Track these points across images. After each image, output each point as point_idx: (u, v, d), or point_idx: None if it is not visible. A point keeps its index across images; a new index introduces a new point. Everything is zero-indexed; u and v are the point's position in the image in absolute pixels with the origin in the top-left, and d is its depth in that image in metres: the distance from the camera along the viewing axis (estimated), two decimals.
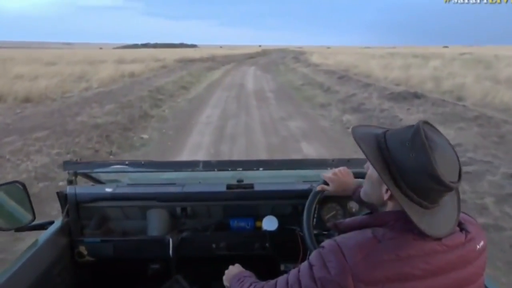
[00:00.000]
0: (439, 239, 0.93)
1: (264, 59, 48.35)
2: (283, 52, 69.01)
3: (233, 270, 1.35)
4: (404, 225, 0.94)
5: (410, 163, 0.91)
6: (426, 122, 0.95)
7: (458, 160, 0.94)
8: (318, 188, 1.50)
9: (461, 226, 1.00)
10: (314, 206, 1.46)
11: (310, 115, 10.60)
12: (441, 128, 1.49)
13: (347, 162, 1.75)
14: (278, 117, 10.14)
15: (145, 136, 8.03)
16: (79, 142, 6.99)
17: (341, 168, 1.54)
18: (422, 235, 0.92)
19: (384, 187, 0.98)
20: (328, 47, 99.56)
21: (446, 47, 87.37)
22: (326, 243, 0.97)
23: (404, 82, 14.77)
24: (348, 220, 1.07)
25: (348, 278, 0.89)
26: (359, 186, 1.41)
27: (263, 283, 1.15)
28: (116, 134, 7.80)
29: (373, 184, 1.04)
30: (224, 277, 1.35)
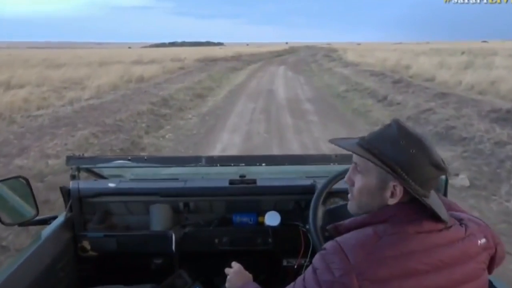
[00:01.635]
0: (439, 230, 0.93)
1: (293, 57, 44.50)
2: (311, 49, 65.13)
3: (238, 278, 1.25)
4: (405, 219, 0.93)
5: (412, 158, 0.91)
6: (398, 119, 0.98)
7: None
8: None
9: (460, 222, 1.00)
10: (319, 204, 1.45)
11: None
12: None
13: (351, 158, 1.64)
14: (328, 149, 6.62)
15: None
16: None
17: None
18: (426, 227, 0.92)
19: (389, 192, 0.95)
20: (359, 44, 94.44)
21: (485, 41, 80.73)
22: (328, 244, 0.94)
23: (488, 89, 10.95)
24: (347, 221, 1.03)
25: (352, 278, 0.85)
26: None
27: None
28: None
29: (371, 194, 0.98)
30: (228, 283, 1.26)
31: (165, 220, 1.75)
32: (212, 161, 1.79)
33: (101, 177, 1.97)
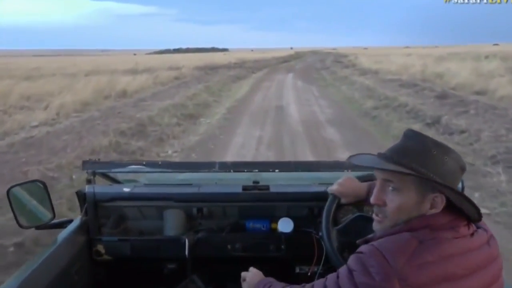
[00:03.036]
0: (471, 235, 0.93)
1: (300, 63, 41.39)
2: (318, 55, 62.29)
3: (256, 277, 1.23)
4: (442, 226, 0.91)
5: (448, 166, 0.91)
6: (411, 129, 1.00)
7: None
8: (331, 191, 1.46)
9: (477, 225, 0.99)
10: (331, 214, 1.43)
11: None
12: None
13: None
14: None
15: None
16: None
17: (344, 177, 1.47)
18: (461, 232, 0.92)
19: (428, 204, 0.93)
20: (365, 48, 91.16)
21: (497, 44, 77.27)
22: (364, 248, 0.91)
23: None
24: (379, 234, 0.98)
25: (394, 283, 0.83)
26: (371, 187, 1.33)
27: (297, 287, 1.09)
28: None
29: (409, 210, 0.94)
30: (245, 283, 1.24)
31: (178, 225, 1.72)
32: (226, 167, 1.73)
33: (116, 181, 1.94)
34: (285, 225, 1.67)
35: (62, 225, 1.66)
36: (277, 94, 14.86)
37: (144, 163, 1.77)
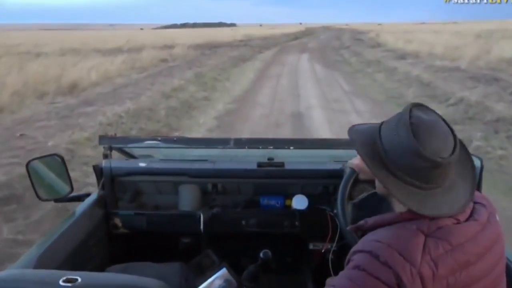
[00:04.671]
0: (471, 216, 0.89)
1: (313, 40, 36.39)
2: (330, 31, 57.02)
3: None
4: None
5: (395, 143, 0.86)
6: (416, 104, 0.90)
7: (454, 136, 0.86)
8: (350, 166, 1.36)
9: (475, 201, 0.93)
10: (347, 190, 1.35)
11: None
12: None
13: None
14: None
15: None
16: None
17: None
18: (460, 216, 0.87)
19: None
20: (379, 24, 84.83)
21: None
22: (371, 245, 0.83)
23: None
24: (371, 221, 0.95)
25: (417, 281, 0.78)
26: None
27: None
28: None
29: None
30: None
31: (193, 201, 1.70)
32: (241, 143, 1.70)
33: (132, 157, 1.91)
34: (299, 202, 1.64)
35: (80, 198, 1.66)
36: (291, 89, 10.43)
37: (159, 138, 1.75)
